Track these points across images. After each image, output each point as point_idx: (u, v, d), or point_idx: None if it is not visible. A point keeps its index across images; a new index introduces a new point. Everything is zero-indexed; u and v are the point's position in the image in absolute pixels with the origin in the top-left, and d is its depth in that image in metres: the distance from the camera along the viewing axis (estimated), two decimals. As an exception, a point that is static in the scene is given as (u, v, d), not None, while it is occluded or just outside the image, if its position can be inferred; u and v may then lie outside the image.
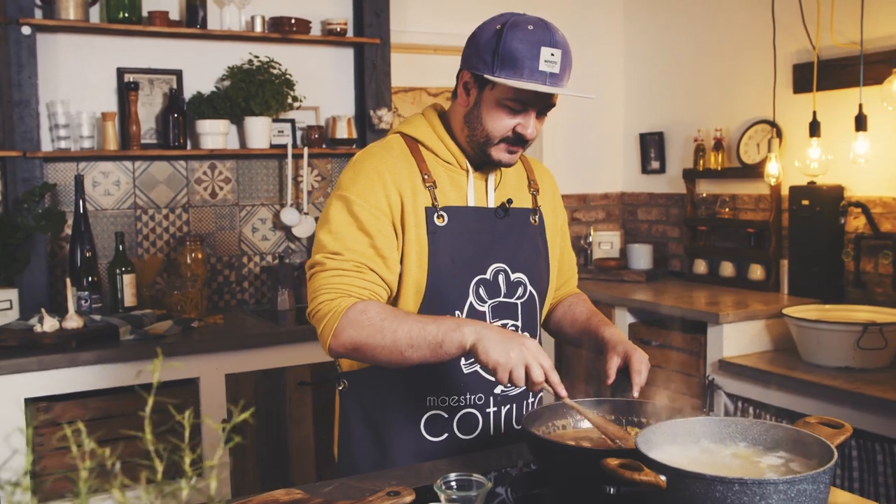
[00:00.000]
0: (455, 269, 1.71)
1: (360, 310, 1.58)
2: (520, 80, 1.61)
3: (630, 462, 1.21)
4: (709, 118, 4.28)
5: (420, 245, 1.70)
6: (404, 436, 1.73)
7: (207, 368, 3.07)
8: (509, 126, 1.68)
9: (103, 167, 3.51)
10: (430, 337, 1.53)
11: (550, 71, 1.61)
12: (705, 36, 4.30)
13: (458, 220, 1.73)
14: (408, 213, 1.69)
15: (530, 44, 1.61)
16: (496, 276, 1.75)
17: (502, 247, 1.78)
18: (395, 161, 1.73)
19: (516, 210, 1.83)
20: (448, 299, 1.70)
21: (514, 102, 1.66)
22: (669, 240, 4.59)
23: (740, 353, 3.48)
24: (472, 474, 1.16)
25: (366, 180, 1.69)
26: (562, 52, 1.62)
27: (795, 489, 1.15)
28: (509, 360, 1.46)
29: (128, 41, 3.53)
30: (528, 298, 1.80)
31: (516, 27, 1.63)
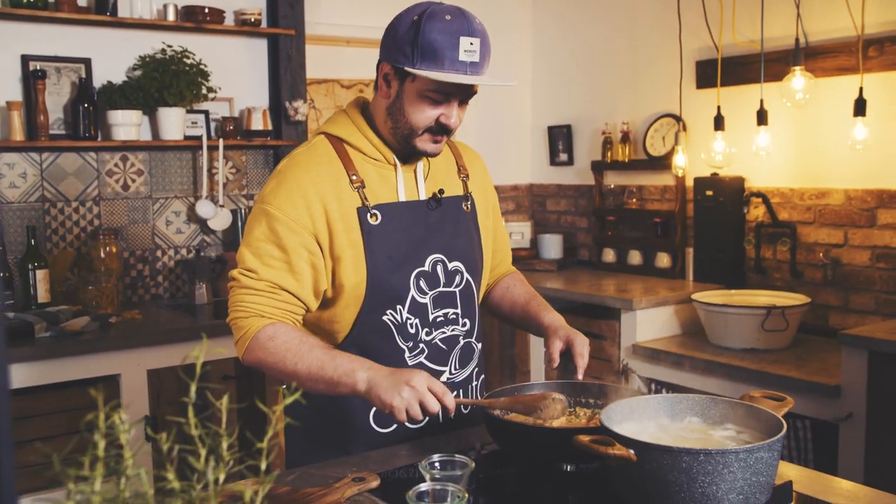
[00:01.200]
0: (394, 265, 1.72)
1: (268, 335, 1.64)
2: (441, 71, 1.62)
3: (601, 438, 1.27)
4: (616, 111, 4.43)
5: (355, 247, 1.70)
6: (355, 430, 1.75)
7: (129, 364, 3.00)
8: (433, 117, 1.69)
9: (8, 158, 3.37)
10: (326, 377, 1.59)
11: (471, 60, 1.62)
12: (613, 30, 4.44)
13: (392, 216, 1.74)
14: (334, 220, 1.69)
15: (449, 34, 1.61)
16: (434, 266, 1.78)
17: (437, 237, 1.80)
18: (319, 167, 1.72)
19: (448, 199, 1.84)
20: (390, 295, 1.72)
21: (436, 94, 1.66)
22: (578, 230, 4.73)
23: (652, 337, 3.63)
24: (454, 455, 1.20)
25: (287, 193, 1.69)
26: (480, 41, 1.63)
27: (754, 457, 1.24)
28: (402, 402, 1.50)
29: (33, 27, 3.40)
30: (465, 286, 1.83)
31: (434, 17, 1.63)
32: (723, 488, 1.23)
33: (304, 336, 1.67)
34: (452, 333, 1.81)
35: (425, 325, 1.76)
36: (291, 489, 1.49)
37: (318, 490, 1.47)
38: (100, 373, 2.97)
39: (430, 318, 1.77)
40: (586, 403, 1.73)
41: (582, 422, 1.64)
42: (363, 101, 1.85)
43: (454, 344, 1.82)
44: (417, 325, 1.75)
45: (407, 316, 1.74)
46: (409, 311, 1.74)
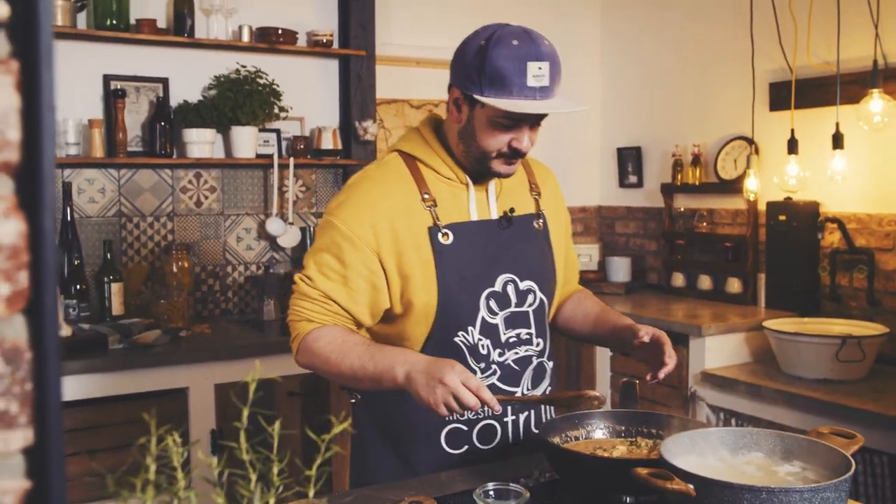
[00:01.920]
0: (465, 285, 1.73)
1: (313, 338, 1.69)
2: (509, 98, 1.60)
3: (660, 471, 1.24)
4: (686, 133, 4.36)
5: (425, 266, 1.71)
6: (425, 450, 1.75)
7: (197, 378, 3.06)
8: (504, 142, 1.69)
9: (88, 174, 3.48)
10: (368, 373, 1.62)
11: (540, 85, 1.60)
12: (683, 51, 4.38)
13: (463, 236, 1.74)
14: (403, 238, 1.70)
15: (516, 60, 1.60)
16: (505, 286, 1.77)
17: (509, 257, 1.79)
18: (390, 184, 1.74)
19: (519, 218, 1.83)
20: (460, 316, 1.72)
21: (505, 119, 1.66)
22: (647, 253, 4.66)
23: (721, 364, 3.54)
24: (509, 483, 1.19)
25: (354, 208, 1.71)
26: (549, 63, 1.61)
27: (819, 497, 1.19)
28: (437, 398, 1.52)
29: (115, 48, 3.51)
30: (538, 305, 1.82)
31: (500, 43, 1.62)
32: (785, 528, 1.19)
33: (348, 335, 1.69)
34: (525, 354, 1.81)
35: (497, 346, 1.77)
36: (347, 511, 1.49)
37: (373, 513, 1.47)
38: (169, 385, 3.03)
39: (503, 339, 1.77)
40: (648, 433, 1.70)
41: (643, 452, 1.61)
42: (436, 118, 1.85)
43: (527, 364, 1.82)
44: (489, 347, 1.76)
45: (479, 337, 1.74)
46: (481, 332, 1.74)
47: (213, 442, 3.07)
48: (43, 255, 0.47)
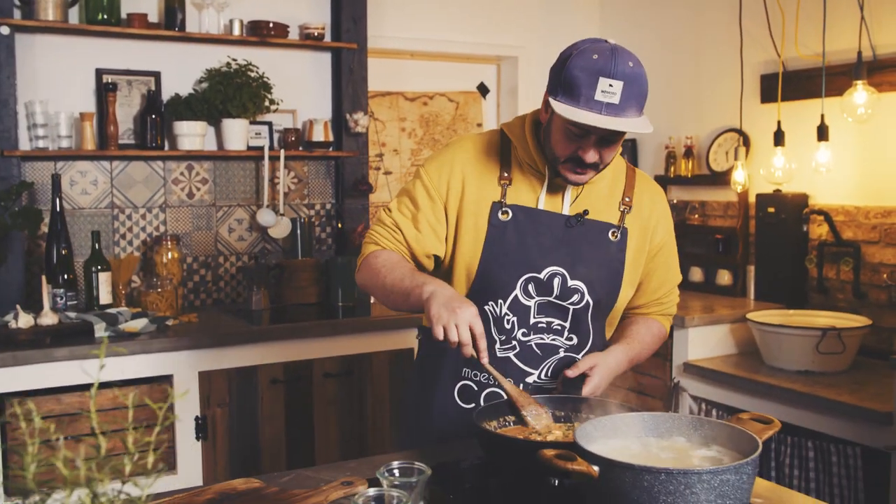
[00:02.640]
0: (506, 262, 1.82)
1: (374, 255, 1.87)
2: (575, 107, 1.64)
3: (564, 452, 1.27)
4: (680, 126, 4.36)
5: (478, 233, 1.84)
6: (444, 394, 1.91)
7: (181, 365, 3.12)
8: (570, 150, 1.74)
9: (81, 166, 3.55)
10: (403, 287, 1.74)
11: (608, 101, 1.63)
12: (678, 43, 4.38)
13: (522, 218, 1.84)
14: (468, 201, 1.85)
15: (589, 73, 1.63)
16: (551, 277, 1.83)
17: (565, 253, 1.84)
18: (478, 153, 1.89)
19: (593, 222, 1.86)
20: (495, 288, 1.83)
21: (573, 128, 1.70)
22: (641, 245, 4.67)
23: (706, 356, 3.56)
24: (414, 462, 1.22)
25: (440, 162, 1.90)
26: (623, 84, 1.63)
27: (719, 479, 1.22)
28: (441, 319, 1.62)
29: (106, 42, 3.58)
30: (583, 306, 1.86)
31: (583, 54, 1.66)
32: (685, 509, 1.22)
33: (402, 260, 1.85)
34: (552, 342, 1.87)
35: (523, 326, 1.85)
36: (280, 489, 1.54)
37: (305, 492, 1.51)
38: (154, 373, 3.09)
39: (531, 322, 1.84)
40: (587, 419, 1.72)
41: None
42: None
43: (552, 352, 1.87)
44: (515, 323, 1.84)
45: (506, 311, 1.84)
46: (510, 307, 1.84)
47: (197, 428, 3.13)
48: None
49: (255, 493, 1.53)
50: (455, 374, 1.90)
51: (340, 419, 3.43)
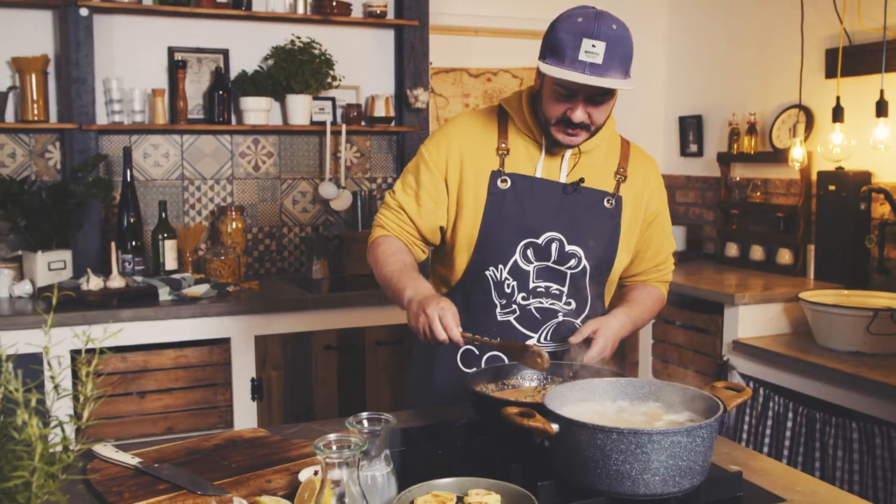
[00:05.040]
0: (506, 227, 1.90)
1: (377, 243, 1.98)
2: (560, 68, 1.73)
3: (525, 410, 1.35)
4: (744, 102, 4.30)
5: (478, 202, 1.92)
6: (446, 359, 1.99)
7: (239, 329, 3.29)
8: (561, 110, 1.82)
9: (153, 140, 3.76)
10: (392, 286, 1.86)
11: (591, 61, 1.71)
12: (744, 19, 4.31)
13: (521, 186, 1.92)
14: (467, 173, 1.94)
15: (573, 34, 1.72)
16: (549, 242, 1.91)
17: (563, 219, 1.92)
18: (475, 126, 1.98)
19: (588, 190, 1.95)
20: (495, 253, 1.91)
21: (561, 88, 1.79)
22: (705, 223, 4.63)
23: (757, 334, 3.53)
24: (382, 414, 1.31)
25: (438, 139, 1.99)
26: (606, 44, 1.71)
27: (669, 440, 1.27)
28: (419, 324, 1.73)
29: (178, 22, 3.76)
30: (580, 270, 1.94)
31: (568, 18, 1.77)
32: (636, 468, 1.27)
33: (398, 250, 1.95)
34: (551, 307, 1.94)
35: (522, 290, 1.92)
36: (282, 438, 1.66)
37: (303, 441, 1.63)
38: (213, 335, 3.27)
39: (530, 286, 1.92)
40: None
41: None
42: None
43: (551, 317, 1.94)
44: (515, 287, 1.92)
45: (506, 276, 1.92)
46: (510, 272, 1.91)
47: (253, 389, 3.30)
48: None
49: (258, 440, 1.65)
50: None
51: (392, 385, 3.56)
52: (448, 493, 1.26)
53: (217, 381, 3.28)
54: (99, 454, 1.55)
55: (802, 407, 3.16)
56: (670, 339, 3.96)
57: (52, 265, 3.37)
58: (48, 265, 3.36)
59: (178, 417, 3.23)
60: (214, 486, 1.41)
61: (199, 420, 3.26)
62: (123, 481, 1.44)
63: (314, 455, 1.56)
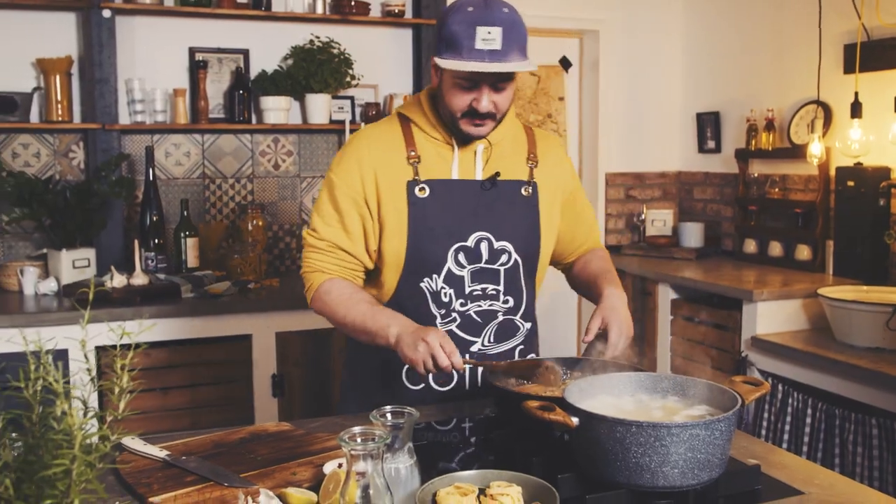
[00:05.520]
0: (434, 236, 1.87)
1: (325, 290, 1.89)
2: (459, 60, 1.73)
3: (546, 404, 1.37)
4: (762, 98, 4.30)
5: (399, 216, 1.87)
6: (388, 383, 1.93)
7: (260, 326, 3.33)
8: (466, 102, 1.81)
9: (175, 139, 3.80)
10: (367, 329, 1.80)
11: (489, 48, 1.71)
12: (762, 15, 4.30)
13: (440, 191, 1.88)
14: (384, 189, 1.87)
15: (467, 24, 1.72)
16: (478, 243, 1.90)
17: (487, 216, 1.91)
18: (380, 141, 1.91)
19: (505, 182, 1.94)
20: (427, 264, 1.87)
21: (463, 80, 1.78)
22: (723, 219, 4.63)
23: (776, 330, 3.53)
24: (405, 407, 1.34)
25: (346, 162, 1.91)
26: (502, 29, 1.71)
27: (688, 433, 1.29)
28: (419, 356, 1.69)
29: (199, 22, 3.80)
30: (512, 265, 1.93)
31: (457, 10, 1.76)
32: (656, 460, 1.29)
33: (355, 291, 1.88)
34: (490, 308, 1.92)
35: (460, 297, 1.89)
36: (305, 432, 1.69)
37: (326, 435, 1.66)
38: (234, 332, 3.31)
39: (467, 291, 1.89)
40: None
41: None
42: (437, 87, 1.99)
43: (491, 318, 1.93)
44: (452, 295, 1.89)
45: (441, 285, 1.88)
46: (444, 280, 1.88)
47: (274, 385, 3.34)
48: None
49: (283, 434, 1.68)
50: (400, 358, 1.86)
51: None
52: (470, 485, 1.29)
53: (238, 378, 3.32)
54: (128, 447, 1.58)
55: (822, 403, 3.16)
56: (688, 336, 3.96)
57: (77, 263, 3.42)
58: (73, 263, 3.41)
59: (200, 413, 3.27)
60: (241, 479, 1.44)
61: (220, 416, 3.30)
62: (152, 473, 1.47)
63: (338, 448, 1.59)
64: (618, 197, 4.83)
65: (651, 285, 4.16)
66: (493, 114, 1.83)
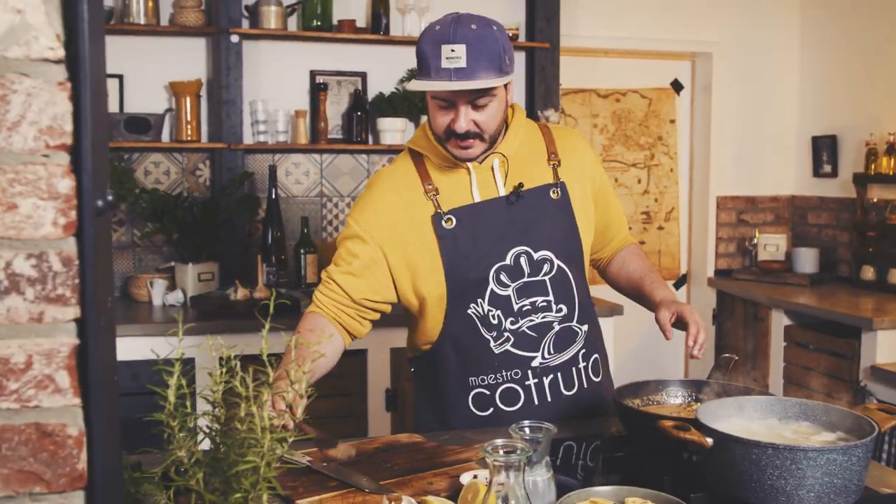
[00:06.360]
0: (470, 264, 1.84)
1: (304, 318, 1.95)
2: (427, 80, 1.71)
3: (681, 423, 1.39)
4: (882, 121, 4.20)
5: (431, 253, 1.85)
6: (458, 412, 1.93)
7: (375, 342, 3.42)
8: (444, 123, 1.77)
9: (295, 158, 3.96)
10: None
11: (455, 66, 1.68)
12: (883, 35, 4.21)
13: (467, 217, 1.85)
14: (407, 230, 1.86)
15: (432, 43, 1.70)
16: (517, 259, 1.86)
17: (520, 230, 1.87)
18: (396, 181, 1.90)
19: (531, 191, 1.89)
20: (469, 290, 1.85)
21: (438, 100, 1.76)
22: (839, 244, 4.53)
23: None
24: (542, 422, 1.38)
25: (363, 206, 1.91)
26: (466, 46, 1.67)
27: (825, 458, 1.30)
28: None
29: (320, 46, 3.96)
30: (556, 273, 1.89)
31: (429, 30, 1.74)
32: (791, 483, 1.30)
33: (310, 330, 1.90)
34: (544, 320, 1.88)
35: (509, 316, 1.86)
36: (437, 444, 1.75)
37: (459, 448, 1.72)
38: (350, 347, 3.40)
39: (515, 308, 1.86)
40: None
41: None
42: None
43: (546, 330, 1.89)
44: (500, 316, 1.86)
45: (488, 308, 1.86)
46: (490, 303, 1.85)
47: (387, 399, 3.43)
48: (83, 201, 0.76)
49: (415, 445, 1.75)
50: (464, 386, 1.91)
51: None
52: (605, 500, 1.32)
53: (353, 391, 3.42)
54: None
55: (946, 436, 3.06)
56: (802, 363, 3.89)
57: (202, 276, 3.59)
58: (198, 276, 3.58)
59: (317, 424, 3.37)
60: (381, 486, 1.50)
61: (336, 428, 3.39)
62: (297, 477, 1.55)
63: (470, 461, 1.65)
64: (729, 221, 4.78)
65: (764, 311, 4.10)
66: (477, 133, 1.79)
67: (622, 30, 4.44)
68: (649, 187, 4.80)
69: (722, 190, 4.75)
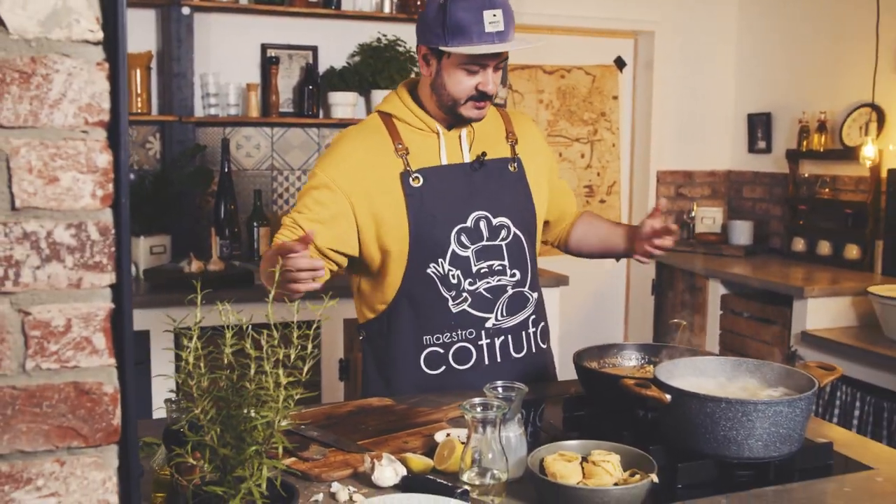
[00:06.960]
0: (434, 222, 1.94)
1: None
2: (471, 45, 1.83)
3: (641, 381, 1.51)
4: (815, 100, 4.39)
5: (397, 208, 1.92)
6: (407, 373, 2.00)
7: (328, 312, 3.48)
8: (471, 86, 1.89)
9: (246, 132, 3.98)
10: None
11: (496, 30, 1.82)
12: (817, 17, 4.40)
13: (434, 178, 1.95)
14: (375, 185, 1.92)
15: (473, 11, 1.82)
16: (477, 222, 1.98)
17: (481, 195, 1.99)
18: (366, 139, 1.97)
19: (493, 161, 2.02)
20: (431, 250, 1.94)
21: (471, 65, 1.87)
22: (772, 218, 4.73)
23: (826, 326, 3.64)
24: (514, 383, 1.48)
25: (332, 159, 1.96)
26: (502, 10, 1.84)
27: (773, 410, 1.43)
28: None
29: (271, 20, 3.97)
30: (513, 239, 2.02)
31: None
32: (742, 433, 1.43)
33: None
34: (499, 283, 1.99)
35: (468, 276, 1.96)
36: (408, 407, 1.84)
37: (428, 409, 1.81)
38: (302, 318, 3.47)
39: (474, 270, 1.96)
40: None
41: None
42: (414, 80, 2.08)
43: (501, 293, 2.00)
44: (459, 276, 1.96)
45: (448, 268, 1.95)
46: (451, 263, 1.95)
47: (340, 369, 3.51)
48: (120, 175, 0.83)
49: (386, 408, 1.84)
50: (418, 345, 1.97)
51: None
52: (573, 454, 1.43)
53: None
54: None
55: (870, 396, 3.27)
56: (738, 330, 4.08)
57: (154, 249, 3.60)
58: (150, 249, 3.59)
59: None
60: (358, 445, 1.59)
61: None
62: (278, 438, 1.62)
63: (441, 421, 1.74)
64: (668, 194, 4.95)
65: (701, 280, 4.28)
66: (493, 95, 1.92)
67: (568, 8, 4.54)
68: (592, 162, 4.94)
69: (662, 164, 4.92)
